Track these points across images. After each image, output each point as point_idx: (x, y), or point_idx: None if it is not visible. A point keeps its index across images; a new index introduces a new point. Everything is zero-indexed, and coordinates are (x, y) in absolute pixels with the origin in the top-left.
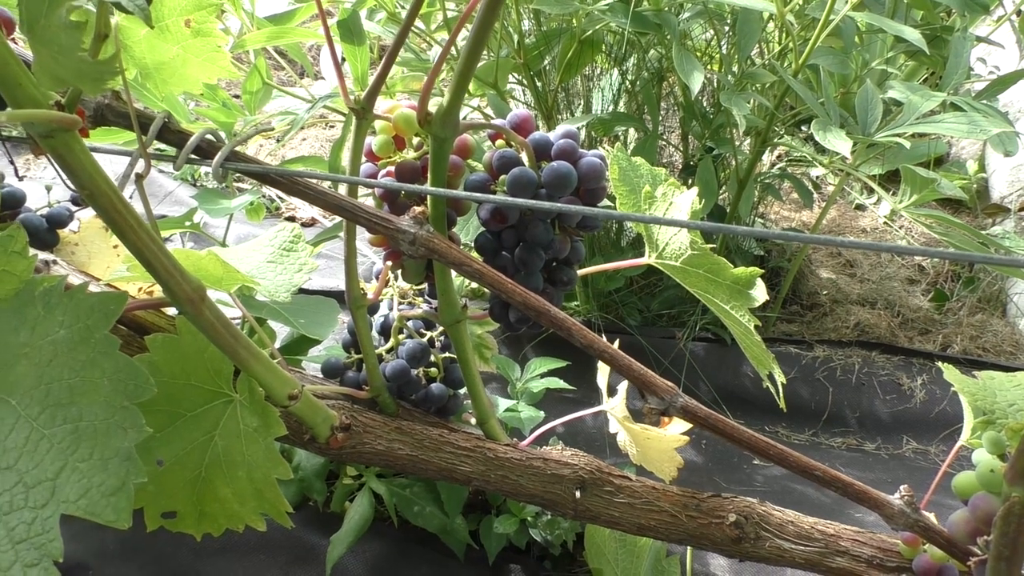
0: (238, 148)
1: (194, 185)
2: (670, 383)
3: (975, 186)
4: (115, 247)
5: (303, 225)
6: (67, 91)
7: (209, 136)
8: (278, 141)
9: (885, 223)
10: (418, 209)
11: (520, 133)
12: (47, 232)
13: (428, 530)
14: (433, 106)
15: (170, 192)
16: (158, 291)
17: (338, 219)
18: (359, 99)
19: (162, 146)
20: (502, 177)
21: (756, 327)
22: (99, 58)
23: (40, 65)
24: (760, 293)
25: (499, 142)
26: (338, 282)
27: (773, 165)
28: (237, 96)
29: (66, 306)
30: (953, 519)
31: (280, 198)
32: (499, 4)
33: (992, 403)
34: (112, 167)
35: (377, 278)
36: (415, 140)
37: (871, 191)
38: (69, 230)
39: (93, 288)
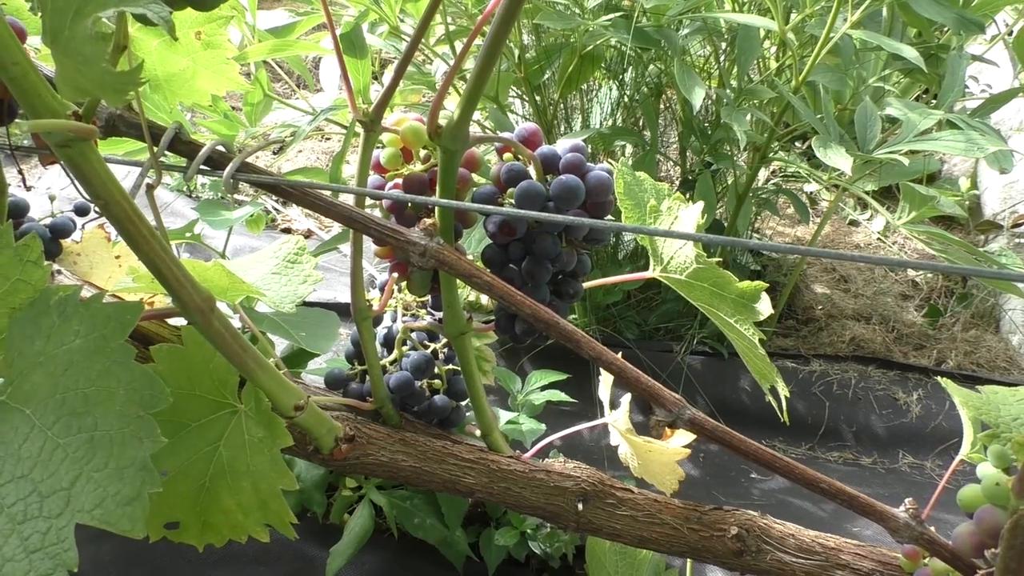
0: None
1: (190, 197)
2: (677, 396)
3: (967, 203)
4: (117, 257)
5: None
6: (84, 101)
7: (220, 147)
8: (275, 153)
9: (879, 239)
10: (428, 221)
11: (528, 147)
12: (50, 242)
13: (428, 542)
14: (440, 119)
15: (168, 204)
16: (159, 302)
17: (336, 231)
18: (367, 112)
19: (162, 157)
20: (510, 190)
21: (760, 340)
22: (119, 69)
23: (63, 76)
24: (765, 307)
25: (507, 155)
26: (335, 294)
27: (768, 180)
28: (236, 107)
29: (82, 316)
30: (958, 532)
31: (276, 210)
32: (512, 20)
33: (996, 417)
34: None
35: (381, 290)
36: (422, 153)
37: (865, 207)
38: (71, 240)
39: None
